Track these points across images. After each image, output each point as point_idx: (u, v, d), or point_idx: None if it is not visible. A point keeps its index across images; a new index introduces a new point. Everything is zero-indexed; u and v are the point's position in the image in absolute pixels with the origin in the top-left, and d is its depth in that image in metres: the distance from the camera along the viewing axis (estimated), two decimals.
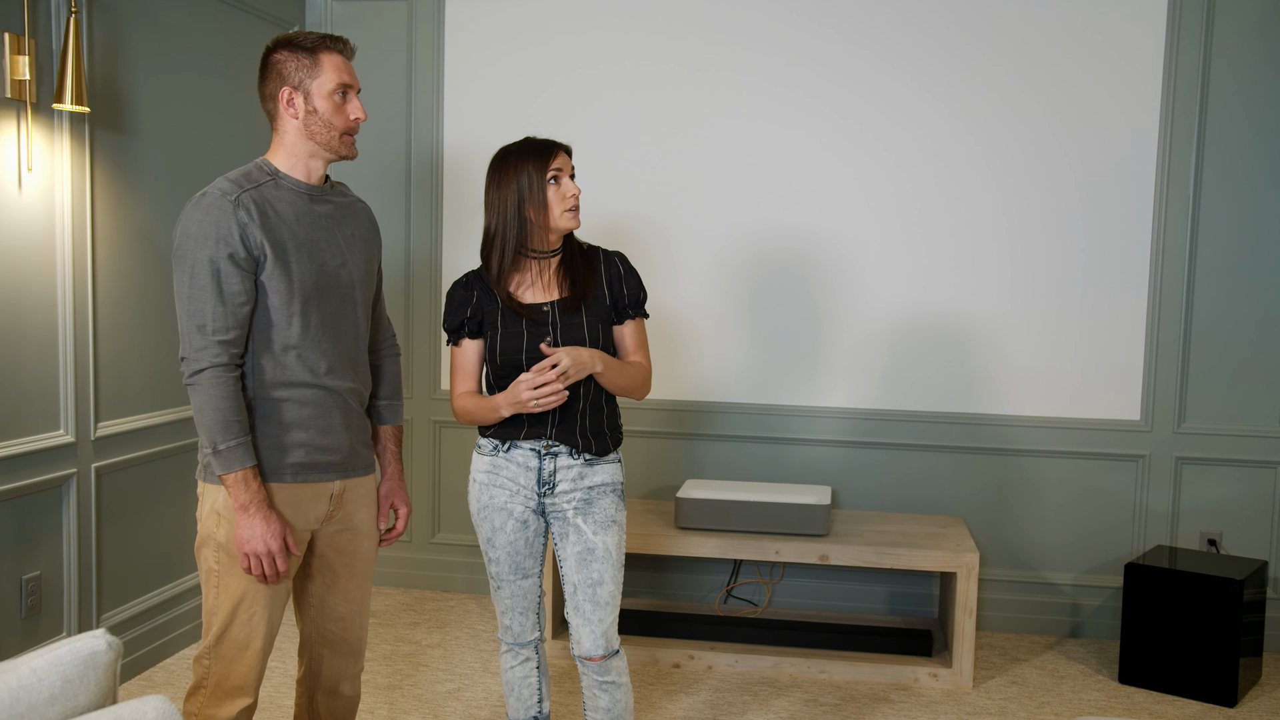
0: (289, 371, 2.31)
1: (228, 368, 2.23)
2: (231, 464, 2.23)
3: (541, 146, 2.55)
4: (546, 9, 4.40)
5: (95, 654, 1.64)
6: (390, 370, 2.61)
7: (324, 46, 2.32)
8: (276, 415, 2.31)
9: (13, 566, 3.20)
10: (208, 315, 2.22)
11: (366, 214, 2.52)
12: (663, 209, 4.37)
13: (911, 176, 4.23)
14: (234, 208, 2.22)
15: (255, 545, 2.24)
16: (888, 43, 4.20)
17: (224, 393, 2.22)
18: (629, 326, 2.63)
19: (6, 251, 3.12)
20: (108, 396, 3.54)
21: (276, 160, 2.35)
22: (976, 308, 4.24)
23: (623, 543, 2.62)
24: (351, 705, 2.62)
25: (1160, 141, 4.09)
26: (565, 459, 2.57)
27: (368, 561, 2.53)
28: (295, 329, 2.29)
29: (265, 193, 2.29)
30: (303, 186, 2.35)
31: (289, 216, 2.30)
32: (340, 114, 2.34)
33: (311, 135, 2.34)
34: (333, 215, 2.40)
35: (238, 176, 2.29)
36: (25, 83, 3.10)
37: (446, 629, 4.20)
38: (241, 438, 2.23)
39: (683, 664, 3.90)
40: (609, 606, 2.57)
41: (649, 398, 4.42)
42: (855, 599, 4.37)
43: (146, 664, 3.73)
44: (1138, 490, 4.20)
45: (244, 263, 2.23)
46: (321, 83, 2.31)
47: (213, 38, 3.98)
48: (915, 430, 4.30)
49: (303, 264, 2.31)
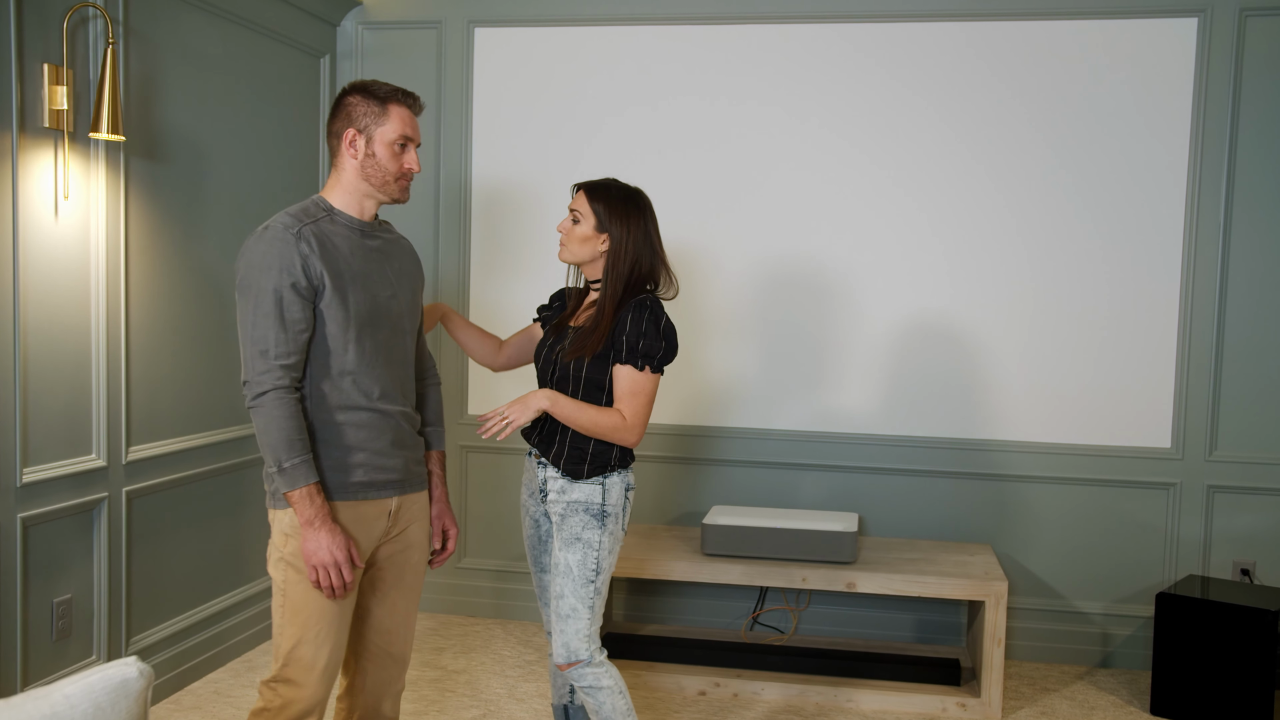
0: (346, 395, 2.42)
1: (289, 389, 2.34)
2: (295, 480, 2.33)
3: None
4: (574, 38, 4.44)
5: (127, 681, 1.65)
6: (433, 398, 2.74)
7: (395, 99, 2.47)
8: (337, 437, 2.42)
9: (44, 589, 3.23)
10: (270, 341, 2.33)
11: (410, 250, 2.67)
12: (681, 235, 4.38)
13: (939, 204, 4.23)
14: (296, 240, 2.35)
15: (322, 557, 2.33)
16: (909, 75, 4.21)
17: (286, 413, 2.33)
18: (618, 371, 2.71)
19: (43, 278, 3.17)
20: (139, 421, 3.57)
21: (332, 197, 2.49)
22: (1004, 335, 4.22)
23: (589, 560, 2.72)
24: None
25: (1190, 165, 4.07)
26: (552, 470, 2.77)
27: (417, 575, 2.63)
28: (351, 355, 2.42)
29: (322, 227, 2.43)
30: (355, 223, 2.49)
31: (344, 250, 2.44)
32: (396, 162, 2.47)
33: (367, 177, 2.47)
34: (382, 250, 2.54)
35: (297, 212, 2.43)
36: (63, 112, 3.15)
37: (472, 654, 4.20)
38: (304, 455, 2.34)
39: (708, 691, 3.89)
40: (568, 619, 2.72)
41: (680, 423, 4.42)
42: (882, 627, 4.34)
43: (174, 688, 3.75)
44: (1169, 519, 4.16)
45: (305, 291, 2.35)
46: (385, 131, 2.45)
47: (245, 66, 4.04)
48: (943, 457, 4.28)
49: (358, 294, 2.43)
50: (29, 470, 3.13)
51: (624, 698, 2.74)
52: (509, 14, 4.46)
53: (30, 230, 3.11)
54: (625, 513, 2.80)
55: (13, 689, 3.10)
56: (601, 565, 2.73)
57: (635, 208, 2.75)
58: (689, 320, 4.37)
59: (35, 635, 3.20)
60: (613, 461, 2.74)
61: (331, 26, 4.55)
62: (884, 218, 4.27)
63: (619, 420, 2.69)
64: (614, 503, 2.75)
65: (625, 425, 2.69)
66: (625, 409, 2.70)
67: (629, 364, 2.69)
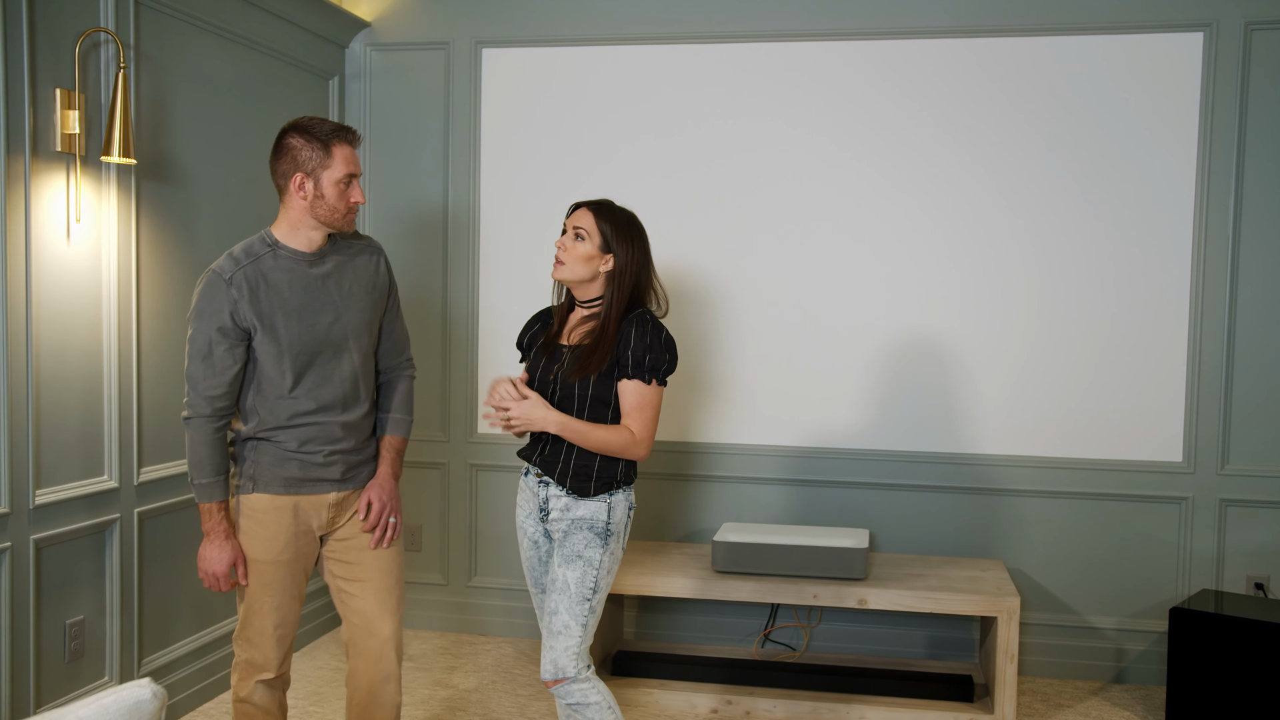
0: (282, 415, 2.70)
1: (209, 419, 2.65)
2: (203, 496, 2.67)
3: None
4: (581, 58, 4.46)
5: (140, 703, 1.65)
6: (400, 388, 2.93)
7: (335, 139, 2.66)
8: (273, 445, 2.72)
9: (57, 611, 3.24)
10: (199, 376, 2.64)
11: (369, 263, 2.84)
12: (687, 250, 4.39)
13: (948, 218, 4.23)
14: (227, 287, 2.62)
15: (207, 565, 2.70)
16: (915, 90, 4.22)
17: (202, 439, 2.65)
18: (624, 387, 2.72)
19: (55, 301, 3.19)
20: (150, 442, 3.59)
21: (279, 232, 2.71)
22: (1014, 350, 4.22)
23: (588, 578, 2.72)
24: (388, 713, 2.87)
25: (1198, 178, 4.07)
26: (555, 489, 2.77)
27: (378, 568, 2.83)
28: (287, 382, 2.69)
29: (262, 265, 2.66)
30: (300, 255, 2.71)
31: (282, 285, 2.67)
32: (343, 200, 2.68)
33: (316, 214, 2.68)
34: (330, 273, 2.74)
35: (239, 253, 2.67)
36: (75, 136, 3.18)
37: (483, 673, 4.20)
38: (213, 477, 2.66)
39: (720, 709, 3.87)
40: (560, 635, 2.71)
41: (689, 439, 4.42)
42: (894, 643, 4.32)
43: (186, 708, 3.75)
44: (1181, 533, 4.14)
45: (232, 334, 2.63)
46: (330, 173, 2.65)
47: (255, 88, 4.06)
48: (954, 473, 4.27)
49: (291, 327, 2.67)
50: (41, 492, 3.14)
51: (613, 712, 2.72)
52: (516, 35, 4.49)
53: (43, 253, 3.13)
54: (626, 532, 2.81)
55: (26, 710, 3.11)
56: (599, 584, 2.73)
57: (636, 230, 2.80)
58: (695, 336, 4.37)
59: (48, 656, 3.21)
60: (618, 478, 2.75)
61: (340, 48, 4.58)
62: (891, 231, 4.27)
63: (629, 436, 2.71)
64: (618, 520, 2.76)
65: (635, 440, 2.71)
66: (634, 424, 2.71)
67: (635, 378, 2.70)
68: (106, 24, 3.30)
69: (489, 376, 4.48)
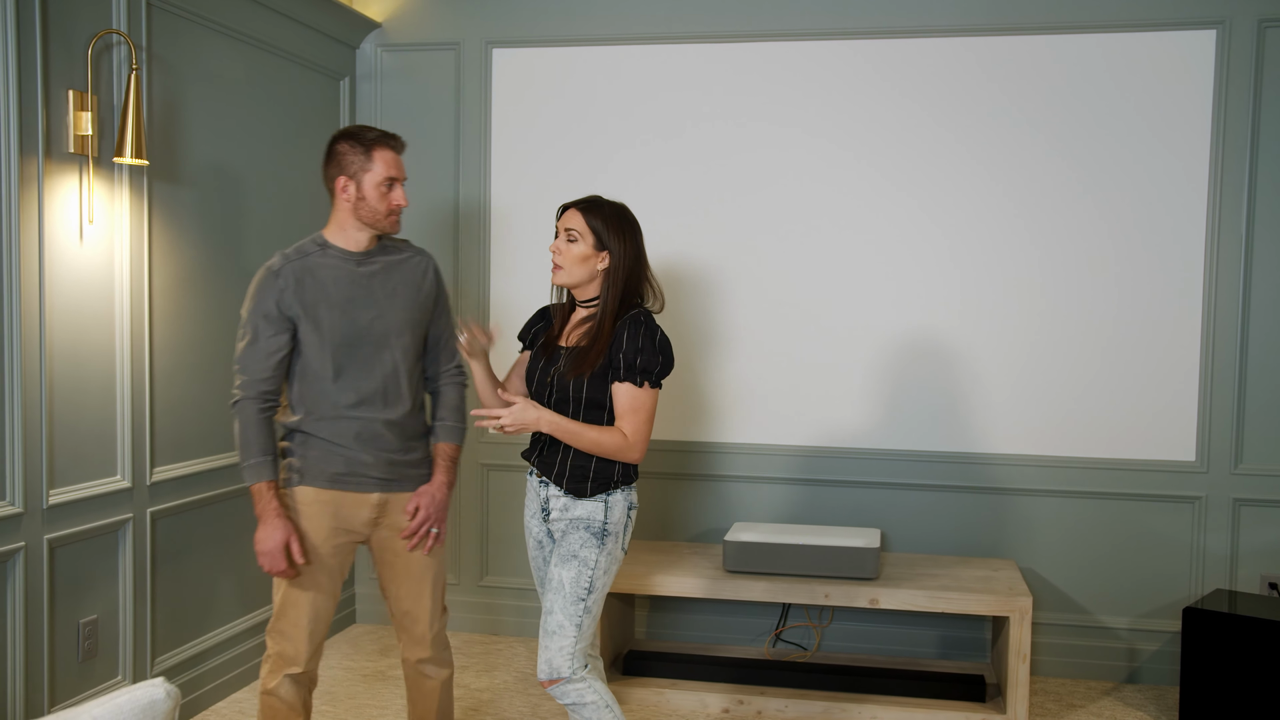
0: (326, 407, 2.82)
1: (255, 400, 2.78)
2: (251, 477, 2.78)
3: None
4: (591, 58, 4.46)
5: (155, 703, 1.66)
6: (451, 395, 3.02)
7: (378, 144, 2.82)
8: (319, 440, 2.82)
9: (70, 610, 3.25)
10: (246, 361, 2.80)
11: (417, 267, 2.96)
12: (700, 253, 4.39)
13: (956, 217, 4.23)
14: (275, 278, 2.79)
15: (262, 545, 2.76)
16: (921, 90, 4.21)
17: (249, 421, 2.78)
18: (617, 390, 2.71)
19: (68, 301, 3.20)
20: (162, 442, 3.60)
21: (328, 233, 2.87)
22: (1027, 349, 4.21)
23: (583, 578, 2.71)
24: (438, 689, 3.02)
25: (1211, 176, 4.05)
26: (554, 489, 2.78)
27: (423, 566, 2.93)
28: (329, 372, 2.81)
29: (310, 262, 2.82)
30: (347, 254, 2.85)
31: (327, 280, 2.81)
32: (384, 201, 2.82)
33: (359, 216, 2.83)
34: (377, 274, 2.87)
35: (291, 250, 2.84)
36: (88, 138, 3.19)
37: (495, 673, 4.20)
38: (260, 457, 2.77)
39: (732, 709, 3.87)
40: (554, 635, 2.71)
41: (701, 439, 4.42)
42: (906, 643, 4.31)
43: (199, 708, 3.76)
44: (1194, 533, 4.13)
45: (276, 321, 2.78)
46: (372, 175, 2.80)
47: (266, 89, 4.08)
48: (965, 472, 4.26)
49: (334, 319, 2.80)
50: (55, 492, 3.16)
51: (610, 711, 2.71)
52: (527, 35, 4.49)
53: (56, 254, 3.15)
54: (626, 532, 2.79)
55: (40, 710, 3.12)
56: (595, 584, 2.72)
57: (628, 223, 2.76)
58: (704, 335, 4.37)
59: (62, 656, 3.22)
60: (616, 478, 2.74)
61: (351, 49, 4.59)
62: (901, 232, 4.26)
63: (621, 439, 2.69)
64: (616, 521, 2.75)
65: (628, 444, 2.70)
66: (627, 427, 2.70)
67: (628, 381, 2.69)
68: (119, 26, 3.32)
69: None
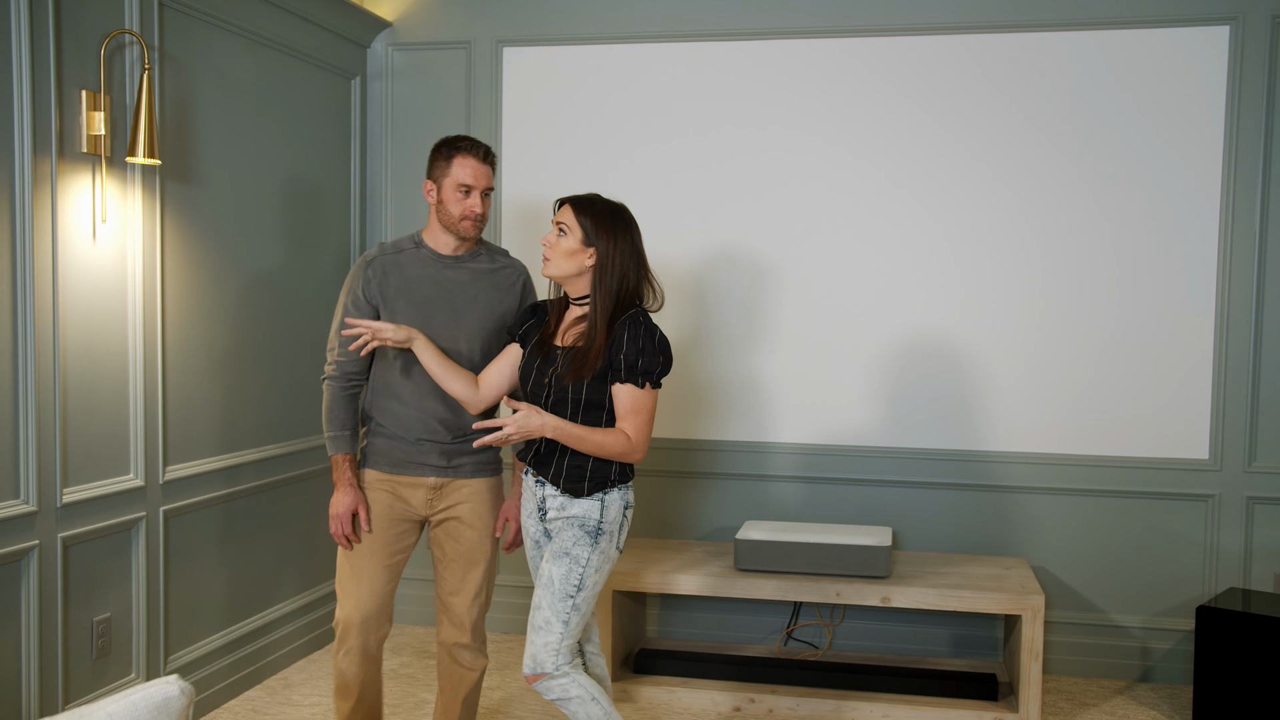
0: (393, 395, 3.01)
1: (337, 379, 3.03)
2: (330, 449, 3.02)
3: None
4: (601, 56, 4.45)
5: (169, 700, 1.67)
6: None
7: (459, 150, 2.96)
8: (386, 424, 3.01)
9: (84, 608, 3.26)
10: (334, 343, 3.03)
11: (507, 277, 3.09)
12: (703, 248, 4.39)
13: (970, 216, 4.22)
14: (365, 267, 3.01)
15: (333, 509, 2.99)
16: (926, 89, 4.20)
17: (332, 398, 3.03)
18: (617, 391, 2.71)
19: (81, 300, 3.21)
20: (175, 441, 3.61)
21: (426, 232, 3.06)
22: (1038, 347, 4.20)
23: (573, 575, 2.71)
24: (469, 681, 3.11)
25: (1224, 172, 4.03)
26: (550, 488, 2.79)
27: (472, 550, 3.05)
28: (397, 365, 2.99)
29: (403, 258, 3.02)
30: (438, 256, 3.03)
31: (413, 277, 2.99)
32: (459, 206, 2.96)
33: (440, 219, 3.00)
34: (461, 279, 3.02)
35: (389, 244, 3.05)
36: (100, 137, 3.20)
37: (505, 671, 4.21)
38: (339, 431, 3.01)
39: (743, 707, 3.87)
40: (541, 630, 2.72)
41: (711, 438, 4.42)
42: (918, 641, 4.31)
43: (211, 705, 3.77)
44: (1208, 531, 4.11)
45: (361, 306, 2.99)
46: (450, 180, 2.96)
47: (278, 89, 4.09)
48: (976, 470, 4.25)
49: (408, 316, 2.96)
50: (69, 490, 3.17)
51: (598, 704, 2.71)
52: (537, 34, 4.49)
53: (69, 253, 3.16)
54: (622, 531, 2.79)
55: (54, 707, 3.14)
56: (585, 582, 2.72)
57: (621, 222, 2.76)
58: (714, 334, 4.37)
59: (75, 654, 3.23)
60: (613, 477, 2.75)
61: (362, 48, 4.60)
62: (909, 230, 4.26)
63: (625, 441, 2.70)
64: (611, 520, 2.75)
65: (632, 445, 2.71)
66: (629, 428, 2.71)
67: (629, 383, 2.69)
68: (131, 26, 3.33)
69: None
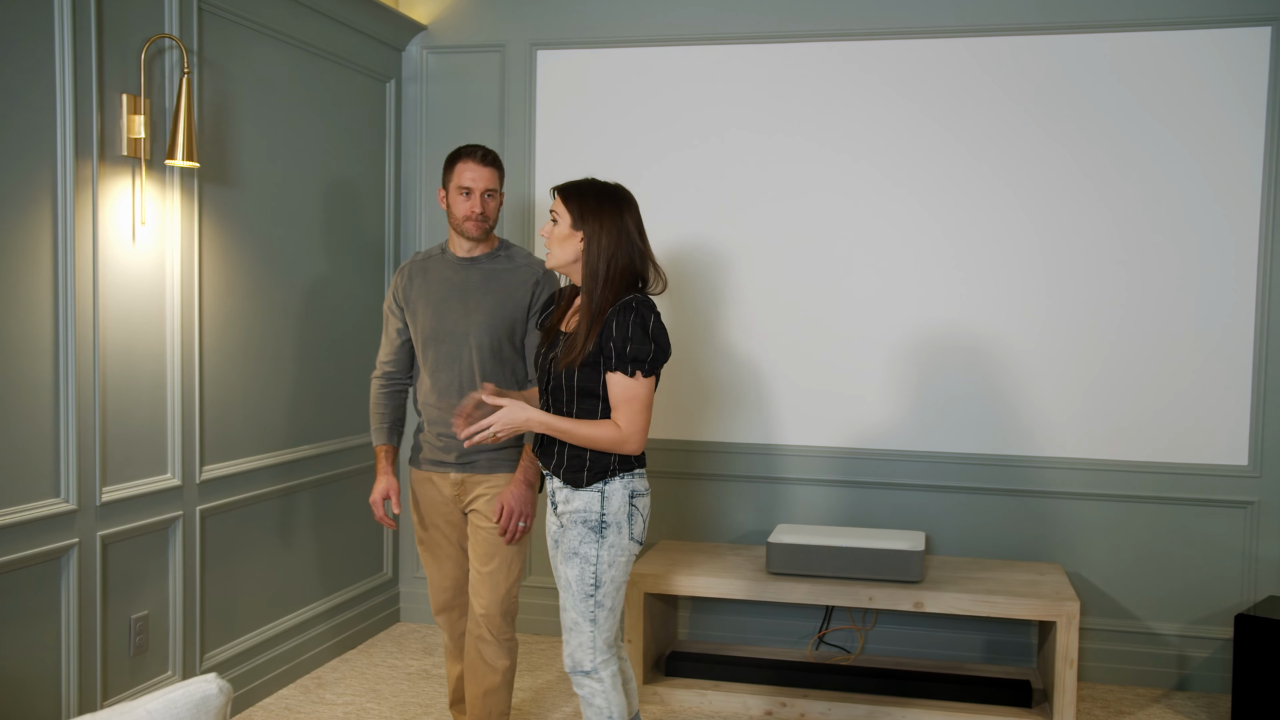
0: (424, 392, 3.23)
1: (379, 379, 3.33)
2: (373, 440, 3.33)
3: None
4: (635, 59, 4.46)
5: (207, 698, 1.68)
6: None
7: (459, 156, 3.15)
8: (422, 421, 3.24)
9: (122, 606, 3.30)
10: (381, 344, 3.33)
11: (520, 276, 3.18)
12: (733, 251, 4.38)
13: (1013, 224, 4.19)
14: (400, 274, 3.28)
15: (371, 495, 3.27)
16: (958, 92, 4.18)
17: (374, 396, 3.34)
18: (610, 379, 2.64)
19: (120, 302, 3.25)
20: (212, 441, 3.65)
21: (449, 239, 3.24)
22: (1077, 352, 4.16)
23: (586, 574, 2.69)
24: (489, 682, 3.19)
25: (1265, 174, 3.98)
26: (556, 480, 2.76)
27: (488, 545, 3.15)
28: (425, 363, 3.21)
29: (430, 263, 3.24)
30: (457, 259, 3.21)
31: (436, 280, 3.20)
32: (460, 208, 3.14)
33: (449, 221, 3.19)
34: (474, 279, 3.17)
35: (422, 250, 3.42)
36: (140, 141, 3.24)
37: (537, 672, 4.21)
38: (379, 425, 3.30)
39: (774, 711, 3.86)
40: (572, 631, 2.74)
41: (740, 440, 4.41)
42: (951, 647, 4.28)
43: (246, 704, 3.81)
44: (1247, 538, 4.06)
45: (396, 311, 3.27)
46: (453, 185, 3.15)
47: (314, 92, 4.12)
48: (1011, 475, 4.22)
49: (427, 316, 3.18)
50: (108, 489, 3.21)
51: None
52: (571, 37, 4.51)
53: (109, 255, 3.20)
54: (632, 521, 2.70)
55: (94, 703, 3.18)
56: (600, 579, 2.68)
57: (610, 203, 2.67)
58: (743, 337, 4.36)
59: (113, 651, 3.27)
60: (613, 466, 2.67)
61: (397, 51, 4.63)
62: (948, 230, 4.23)
63: (615, 432, 2.63)
64: (614, 511, 2.68)
65: (623, 436, 2.62)
66: (621, 418, 2.63)
67: (619, 371, 2.61)
68: (171, 30, 3.37)
69: None
